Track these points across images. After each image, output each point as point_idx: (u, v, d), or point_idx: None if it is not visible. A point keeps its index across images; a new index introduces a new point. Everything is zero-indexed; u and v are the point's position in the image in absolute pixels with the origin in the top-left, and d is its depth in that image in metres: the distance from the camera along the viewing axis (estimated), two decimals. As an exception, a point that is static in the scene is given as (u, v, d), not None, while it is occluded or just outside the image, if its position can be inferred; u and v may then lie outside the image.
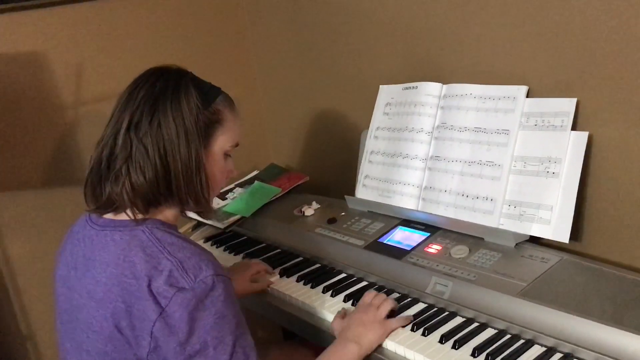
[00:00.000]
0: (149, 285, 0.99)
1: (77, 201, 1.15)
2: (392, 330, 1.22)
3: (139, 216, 1.07)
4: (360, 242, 1.52)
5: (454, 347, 1.14)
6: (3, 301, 1.82)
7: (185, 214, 1.17)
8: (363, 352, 1.17)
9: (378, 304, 1.25)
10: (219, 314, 1.00)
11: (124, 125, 1.06)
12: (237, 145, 1.18)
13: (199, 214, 1.17)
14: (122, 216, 1.08)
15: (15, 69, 1.74)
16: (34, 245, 1.82)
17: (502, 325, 1.18)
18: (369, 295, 1.29)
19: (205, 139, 1.10)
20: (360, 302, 1.29)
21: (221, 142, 1.14)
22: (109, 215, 1.11)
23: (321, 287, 1.43)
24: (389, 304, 1.25)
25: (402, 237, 1.50)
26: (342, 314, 1.29)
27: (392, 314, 1.26)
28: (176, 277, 0.99)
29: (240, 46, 2.19)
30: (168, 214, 1.12)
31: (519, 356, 1.09)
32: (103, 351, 1.04)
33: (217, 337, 1.00)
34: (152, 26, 1.96)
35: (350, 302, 1.36)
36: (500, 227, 1.37)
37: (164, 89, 1.08)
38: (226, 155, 1.17)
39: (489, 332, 1.18)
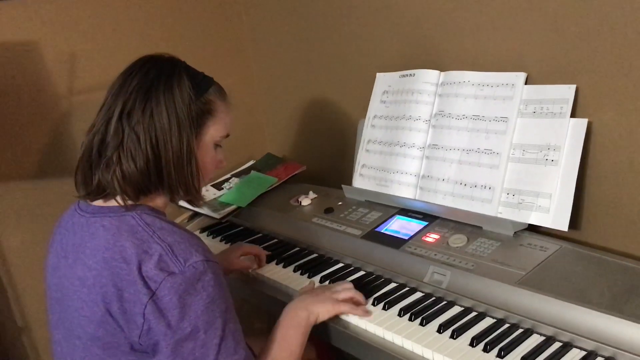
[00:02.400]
0: (139, 269, 1.00)
1: (72, 191, 1.15)
2: (341, 312, 1.24)
3: (129, 203, 1.08)
4: (358, 232, 1.51)
5: (452, 336, 1.14)
6: (-2, 293, 1.81)
7: (175, 202, 1.18)
8: (312, 322, 1.21)
9: (338, 290, 1.27)
10: (210, 299, 1.01)
11: (116, 113, 1.06)
12: (227, 136, 1.19)
13: (188, 202, 1.18)
14: (112, 202, 1.09)
15: (7, 58, 1.72)
16: (28, 236, 1.81)
17: (500, 315, 1.17)
18: (336, 283, 1.33)
19: (196, 128, 1.11)
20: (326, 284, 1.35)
21: (212, 132, 1.15)
22: (98, 202, 1.11)
23: (318, 277, 1.42)
24: (349, 292, 1.27)
25: (400, 226, 1.49)
26: (310, 287, 1.35)
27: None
28: (166, 261, 1.00)
29: (236, 35, 2.17)
30: (158, 201, 1.14)
31: (517, 345, 1.09)
32: (95, 336, 1.04)
33: (208, 321, 1.01)
34: (147, 15, 1.94)
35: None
36: (499, 215, 1.36)
37: (157, 78, 1.08)
38: (216, 145, 1.18)
39: (487, 322, 1.17)
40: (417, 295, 1.29)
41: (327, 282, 1.39)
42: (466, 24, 1.48)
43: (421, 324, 1.19)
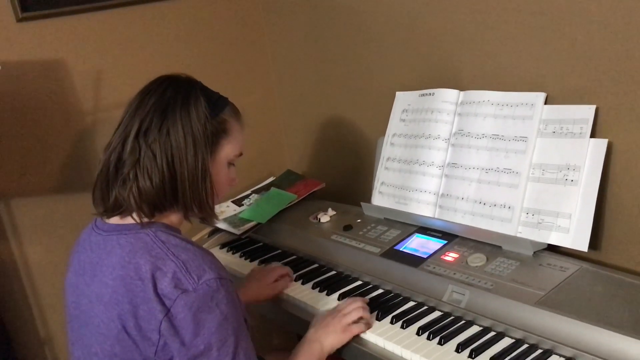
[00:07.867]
0: (155, 286, 1.01)
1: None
2: (353, 335, 1.26)
3: (145, 220, 1.09)
4: (376, 250, 1.52)
5: (470, 356, 1.13)
6: (22, 305, 1.84)
7: (189, 220, 1.19)
8: (325, 352, 1.24)
9: (348, 311, 1.28)
10: (222, 317, 1.03)
11: (133, 132, 1.08)
12: (241, 154, 1.21)
13: (201, 219, 1.20)
14: (128, 220, 1.11)
15: (36, 75, 1.76)
16: (53, 250, 1.84)
17: (519, 335, 1.16)
18: (345, 302, 1.33)
19: (211, 147, 1.13)
20: (336, 306, 1.33)
21: (227, 150, 1.17)
22: (114, 220, 1.13)
23: (337, 294, 1.43)
24: (357, 313, 1.28)
25: (419, 244, 1.49)
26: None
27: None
28: (180, 278, 1.02)
29: (258, 54, 2.20)
30: (173, 218, 1.15)
31: (536, 366, 1.08)
32: (112, 353, 1.05)
33: (221, 338, 1.02)
34: (172, 35, 1.98)
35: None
36: (518, 235, 1.36)
37: (174, 98, 1.10)
38: (230, 164, 1.19)
39: (506, 342, 1.17)
40: (436, 314, 1.29)
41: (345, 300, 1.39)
42: (486, 44, 1.49)
43: (439, 343, 1.18)
